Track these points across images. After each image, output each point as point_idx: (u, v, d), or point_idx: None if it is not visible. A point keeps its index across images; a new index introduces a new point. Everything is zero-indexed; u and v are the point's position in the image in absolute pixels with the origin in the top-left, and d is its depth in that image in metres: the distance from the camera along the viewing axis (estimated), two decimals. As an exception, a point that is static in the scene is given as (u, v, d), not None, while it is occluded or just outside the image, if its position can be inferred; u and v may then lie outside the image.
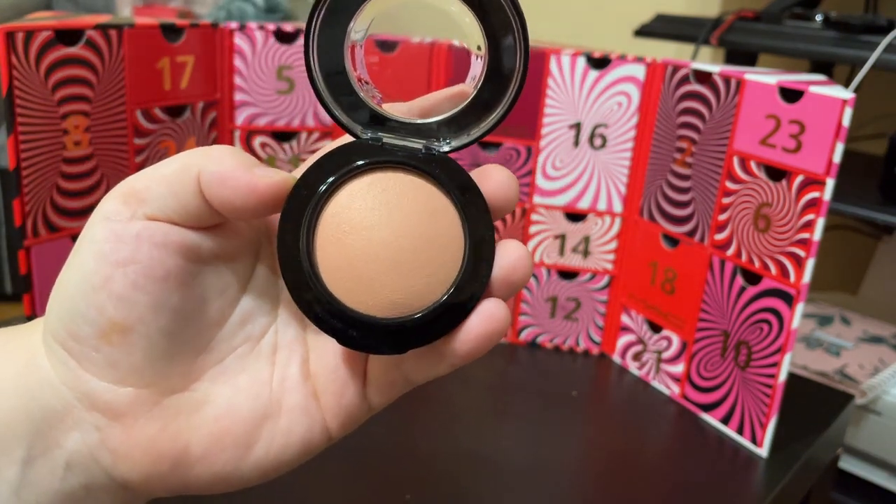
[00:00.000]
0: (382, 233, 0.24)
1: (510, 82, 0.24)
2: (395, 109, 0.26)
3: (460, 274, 0.24)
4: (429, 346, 0.24)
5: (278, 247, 0.24)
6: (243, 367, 0.26)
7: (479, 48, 0.25)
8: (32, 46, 0.44)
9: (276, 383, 0.26)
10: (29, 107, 0.45)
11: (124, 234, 0.23)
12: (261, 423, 0.25)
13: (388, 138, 0.25)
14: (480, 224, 0.24)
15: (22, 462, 0.23)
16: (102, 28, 0.48)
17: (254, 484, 0.26)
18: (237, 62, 0.57)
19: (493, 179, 0.25)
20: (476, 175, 0.25)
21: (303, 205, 0.24)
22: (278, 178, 0.24)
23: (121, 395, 0.24)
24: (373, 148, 0.25)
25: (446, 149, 0.25)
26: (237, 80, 0.57)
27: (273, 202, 0.24)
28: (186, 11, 1.58)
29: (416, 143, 0.25)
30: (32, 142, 0.46)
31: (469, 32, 0.25)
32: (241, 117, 0.58)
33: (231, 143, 0.58)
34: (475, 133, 0.25)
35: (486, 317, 0.24)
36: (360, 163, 0.24)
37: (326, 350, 0.26)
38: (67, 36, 0.46)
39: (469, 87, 0.26)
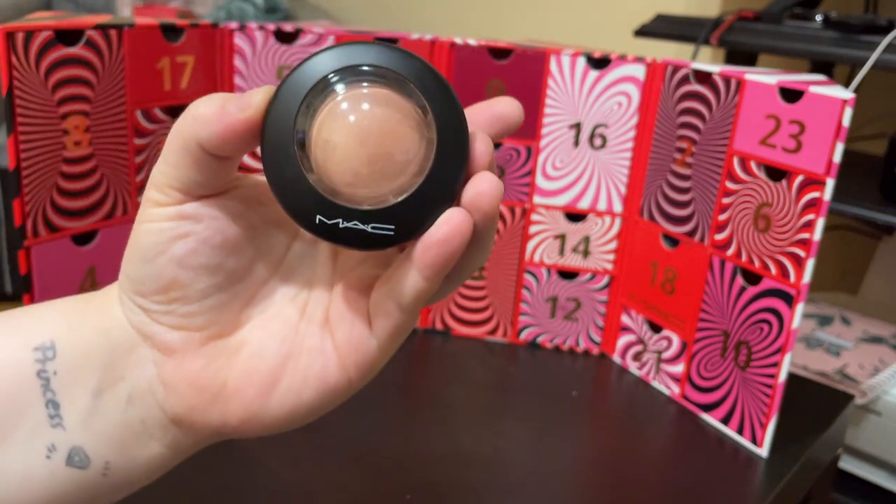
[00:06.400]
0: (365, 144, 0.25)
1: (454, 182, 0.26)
2: None
3: (427, 176, 0.26)
4: (400, 259, 0.26)
5: (267, 168, 0.26)
6: (279, 316, 0.29)
7: (429, 144, 0.26)
8: (32, 46, 0.44)
9: (302, 329, 0.29)
10: (29, 107, 0.45)
11: (175, 214, 0.27)
12: (284, 363, 0.29)
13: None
14: (453, 134, 0.26)
15: (93, 392, 0.28)
16: (102, 28, 0.48)
17: (283, 425, 0.29)
18: (237, 62, 0.57)
19: (498, 101, 0.28)
20: (485, 102, 0.28)
21: (282, 135, 0.26)
22: (251, 112, 0.26)
23: (175, 336, 0.28)
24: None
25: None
26: (237, 80, 0.57)
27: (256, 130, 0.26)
28: (186, 11, 1.58)
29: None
30: (32, 142, 0.46)
31: (421, 129, 0.26)
32: (241, 117, 0.58)
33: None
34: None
35: (446, 220, 0.25)
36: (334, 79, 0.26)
37: (344, 295, 0.29)
38: (67, 36, 0.46)
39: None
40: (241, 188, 0.28)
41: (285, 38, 0.58)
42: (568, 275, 0.62)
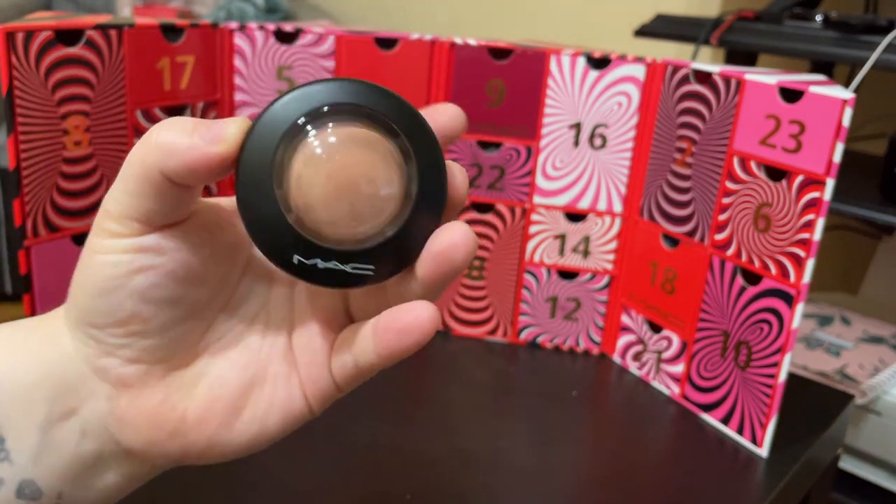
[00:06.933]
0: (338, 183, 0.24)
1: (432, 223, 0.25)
2: None
3: (406, 214, 0.25)
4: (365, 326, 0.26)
5: (241, 206, 0.25)
6: (238, 342, 0.28)
7: (409, 182, 0.25)
8: (32, 46, 0.45)
9: (264, 355, 0.28)
10: (29, 107, 0.45)
11: (134, 246, 0.25)
12: (248, 391, 0.28)
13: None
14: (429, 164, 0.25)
15: (41, 427, 0.26)
16: (102, 28, 0.48)
17: (244, 452, 0.28)
18: (237, 62, 0.57)
19: (441, 112, 0.27)
20: (428, 112, 0.27)
21: (258, 174, 0.25)
22: (224, 148, 0.24)
23: (131, 370, 0.26)
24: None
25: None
26: (237, 80, 0.57)
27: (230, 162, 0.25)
28: (186, 11, 1.58)
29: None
30: (32, 142, 0.46)
31: (399, 171, 0.25)
32: (241, 117, 0.58)
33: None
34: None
35: (410, 309, 0.25)
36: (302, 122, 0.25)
37: (304, 323, 0.28)
38: (67, 36, 0.46)
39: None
40: (200, 213, 0.27)
41: (285, 38, 0.58)
42: (568, 275, 0.62)
